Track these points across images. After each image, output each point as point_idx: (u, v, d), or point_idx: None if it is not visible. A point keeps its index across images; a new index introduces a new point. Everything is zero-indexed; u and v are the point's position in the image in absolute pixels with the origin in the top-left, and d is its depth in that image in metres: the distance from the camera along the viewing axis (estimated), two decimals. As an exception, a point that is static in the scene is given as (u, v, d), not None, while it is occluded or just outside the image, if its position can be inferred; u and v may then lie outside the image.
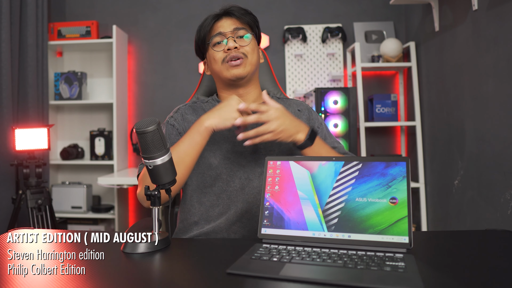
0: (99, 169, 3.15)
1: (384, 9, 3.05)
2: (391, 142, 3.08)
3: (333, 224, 0.82)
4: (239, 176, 1.14)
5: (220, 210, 1.13)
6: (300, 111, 1.24)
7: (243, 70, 1.14)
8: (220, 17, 1.19)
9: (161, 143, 0.84)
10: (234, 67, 1.14)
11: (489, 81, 1.87)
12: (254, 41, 1.19)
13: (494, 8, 1.81)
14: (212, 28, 1.19)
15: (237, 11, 1.18)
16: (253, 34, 1.19)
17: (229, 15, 1.18)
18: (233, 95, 1.12)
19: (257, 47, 1.21)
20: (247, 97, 1.20)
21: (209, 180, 1.14)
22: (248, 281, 0.66)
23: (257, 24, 1.23)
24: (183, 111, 1.21)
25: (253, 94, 1.21)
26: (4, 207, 2.41)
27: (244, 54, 1.15)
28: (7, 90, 2.42)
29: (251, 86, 1.21)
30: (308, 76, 3.08)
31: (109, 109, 3.15)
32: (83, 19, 3.15)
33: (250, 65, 1.16)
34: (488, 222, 1.89)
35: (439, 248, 0.88)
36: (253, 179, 1.14)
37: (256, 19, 1.22)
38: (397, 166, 0.82)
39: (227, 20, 1.18)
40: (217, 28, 1.17)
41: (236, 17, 1.18)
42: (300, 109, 1.25)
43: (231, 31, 1.16)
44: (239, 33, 1.17)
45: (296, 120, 1.07)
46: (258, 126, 1.04)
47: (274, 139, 1.04)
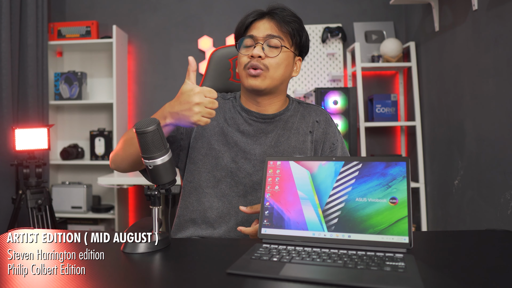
0: (99, 169, 3.15)
1: (384, 9, 3.05)
2: (391, 142, 3.08)
3: (333, 224, 0.82)
4: (244, 183, 1.11)
5: (219, 213, 1.11)
6: (318, 123, 1.17)
7: (260, 83, 1.07)
8: (262, 17, 1.10)
9: (161, 143, 0.84)
10: (252, 77, 1.07)
11: (489, 81, 1.87)
12: (286, 53, 1.09)
13: (494, 8, 1.81)
14: (248, 27, 1.11)
15: (280, 15, 1.09)
16: (287, 46, 1.09)
17: (271, 17, 1.09)
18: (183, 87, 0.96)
19: (288, 60, 1.10)
20: (266, 108, 1.13)
21: (212, 181, 1.12)
22: (248, 281, 0.66)
23: (301, 32, 1.12)
24: None
25: (274, 106, 1.14)
26: (4, 207, 2.41)
27: (266, 66, 1.06)
28: (7, 90, 2.42)
29: (273, 98, 1.13)
30: (308, 76, 3.08)
31: (109, 109, 3.15)
32: (83, 19, 3.15)
33: (271, 79, 1.08)
34: (488, 222, 1.89)
35: (439, 248, 0.88)
36: (258, 188, 1.11)
37: (301, 27, 1.12)
38: (397, 166, 0.82)
39: (266, 22, 1.09)
40: (252, 29, 1.10)
41: (277, 21, 1.08)
42: (319, 120, 1.17)
43: (263, 37, 1.07)
44: (271, 42, 1.07)
45: None
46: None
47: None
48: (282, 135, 1.13)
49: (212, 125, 1.14)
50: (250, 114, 1.14)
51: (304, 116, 1.17)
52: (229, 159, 1.11)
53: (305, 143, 1.14)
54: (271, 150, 1.12)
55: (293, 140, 1.13)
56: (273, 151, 1.12)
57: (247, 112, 1.14)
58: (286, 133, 1.14)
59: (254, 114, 1.13)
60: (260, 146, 1.12)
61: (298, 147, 1.13)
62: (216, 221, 1.11)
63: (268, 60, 1.07)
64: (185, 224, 1.14)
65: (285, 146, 1.12)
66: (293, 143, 1.13)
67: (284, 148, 1.12)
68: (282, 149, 1.12)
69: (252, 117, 1.13)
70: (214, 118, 1.04)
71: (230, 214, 1.10)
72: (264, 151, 1.12)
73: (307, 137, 1.15)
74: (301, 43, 1.14)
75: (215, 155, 1.12)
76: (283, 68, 1.10)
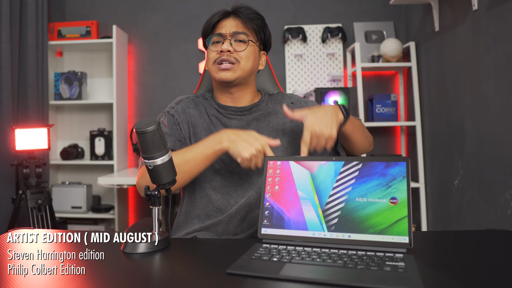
0: (99, 169, 3.15)
1: (384, 9, 3.05)
2: (391, 142, 3.08)
3: (333, 224, 0.82)
4: (239, 171, 1.13)
5: (220, 205, 1.13)
6: (293, 104, 1.23)
7: (231, 75, 1.13)
8: (227, 16, 1.17)
9: (161, 143, 0.84)
10: (223, 70, 1.13)
11: (489, 81, 1.87)
12: (253, 47, 1.16)
13: (494, 8, 1.81)
14: (215, 26, 1.17)
15: (245, 13, 1.16)
16: (253, 41, 1.16)
17: (236, 15, 1.16)
18: (251, 131, 1.04)
19: (255, 54, 1.18)
20: (240, 100, 1.20)
21: (209, 175, 1.14)
22: (248, 281, 0.66)
23: (264, 29, 1.20)
24: (185, 104, 1.21)
25: (247, 97, 1.21)
26: (4, 207, 2.41)
27: (236, 59, 1.13)
28: (7, 90, 2.42)
29: (245, 89, 1.20)
30: (308, 76, 3.08)
31: (109, 109, 3.15)
32: (83, 19, 3.15)
33: (241, 71, 1.14)
34: (488, 222, 1.89)
35: (439, 248, 0.88)
36: (251, 175, 1.13)
37: (264, 24, 1.19)
38: (397, 166, 0.82)
39: (232, 20, 1.16)
40: (219, 27, 1.16)
41: (241, 19, 1.16)
42: (293, 101, 1.24)
43: (230, 34, 1.14)
44: (238, 37, 1.14)
45: (324, 106, 1.07)
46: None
47: (331, 137, 1.01)
48: (263, 120, 1.19)
49: (200, 122, 1.19)
50: (227, 110, 1.19)
51: (279, 101, 1.24)
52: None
53: (286, 124, 1.19)
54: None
55: (274, 124, 1.19)
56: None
57: (224, 108, 1.19)
58: (266, 119, 1.19)
59: (232, 109, 1.19)
60: None
61: (280, 129, 1.18)
62: (219, 212, 1.13)
63: (238, 54, 1.14)
64: (190, 221, 1.16)
65: (268, 131, 1.17)
66: (275, 126, 1.18)
67: (267, 133, 1.16)
68: (266, 134, 1.15)
69: (231, 112, 1.19)
70: (201, 116, 1.17)
71: (230, 204, 1.13)
72: None
73: (286, 119, 1.19)
74: (265, 38, 1.21)
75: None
76: (252, 60, 1.17)
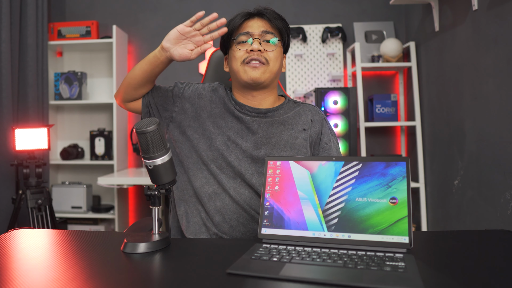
0: (99, 169, 3.15)
1: (384, 9, 3.05)
2: (391, 142, 3.08)
3: (333, 224, 0.82)
4: (233, 166, 1.12)
5: (211, 192, 1.13)
6: (312, 122, 1.19)
7: (261, 75, 1.11)
8: (252, 17, 1.16)
9: (161, 143, 0.84)
10: (253, 68, 1.10)
11: (489, 81, 1.87)
12: (280, 48, 1.16)
13: (494, 8, 1.81)
14: (241, 26, 1.15)
15: (270, 14, 1.15)
16: (280, 41, 1.16)
17: (261, 16, 1.15)
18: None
19: (281, 55, 1.17)
20: (261, 102, 1.17)
21: (204, 161, 1.14)
22: (248, 281, 0.66)
23: (288, 31, 1.19)
24: (202, 87, 1.20)
25: (267, 101, 1.18)
26: (4, 207, 2.41)
27: (266, 59, 1.11)
28: (7, 90, 2.42)
29: (267, 92, 1.17)
30: (308, 76, 3.08)
31: (109, 109, 3.15)
32: (83, 19, 3.15)
33: (270, 73, 1.12)
34: (488, 222, 1.89)
35: (439, 248, 0.88)
36: (245, 174, 1.12)
37: (287, 26, 1.19)
38: (397, 166, 0.82)
39: (258, 21, 1.15)
40: (246, 27, 1.14)
41: (268, 19, 1.15)
42: (313, 119, 1.20)
43: (259, 33, 1.13)
44: (267, 37, 1.13)
45: None
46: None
47: None
48: (277, 127, 1.15)
49: (210, 108, 1.17)
50: (243, 108, 1.16)
51: (300, 114, 1.19)
52: (221, 142, 1.13)
53: (298, 139, 1.16)
54: (263, 140, 1.13)
55: (286, 135, 1.15)
56: (265, 141, 1.13)
57: (240, 106, 1.16)
58: (280, 127, 1.15)
59: (247, 108, 1.16)
60: (252, 136, 1.14)
61: (290, 142, 1.15)
62: (210, 199, 1.12)
63: (267, 54, 1.12)
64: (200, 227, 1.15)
65: (277, 139, 1.14)
66: (285, 137, 1.15)
67: (276, 140, 1.14)
68: (274, 141, 1.14)
69: (245, 111, 1.16)
70: (212, 101, 1.17)
71: (219, 193, 1.12)
72: (255, 141, 1.13)
73: (300, 134, 1.16)
74: (288, 41, 1.21)
75: (209, 135, 1.14)
76: (279, 62, 1.15)
